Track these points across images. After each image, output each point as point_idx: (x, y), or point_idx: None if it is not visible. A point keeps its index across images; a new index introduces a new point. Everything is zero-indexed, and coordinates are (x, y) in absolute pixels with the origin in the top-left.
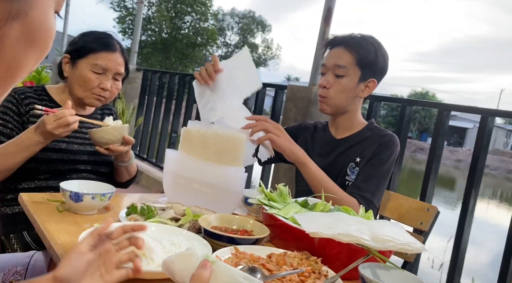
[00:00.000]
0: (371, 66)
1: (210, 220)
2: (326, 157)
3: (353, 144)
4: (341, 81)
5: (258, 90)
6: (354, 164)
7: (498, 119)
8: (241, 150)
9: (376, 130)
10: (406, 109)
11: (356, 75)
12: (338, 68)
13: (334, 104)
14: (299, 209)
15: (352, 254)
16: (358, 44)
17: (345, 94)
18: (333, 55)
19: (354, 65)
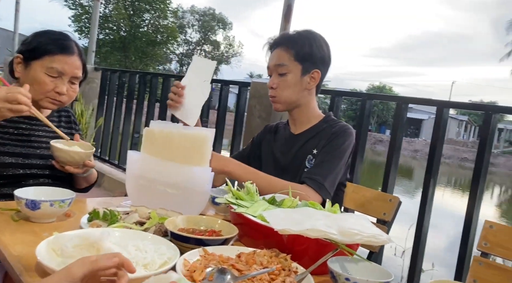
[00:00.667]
0: (309, 58)
1: (177, 222)
2: (287, 153)
3: (310, 137)
4: (285, 78)
5: (221, 88)
6: (311, 156)
7: (450, 110)
8: (207, 149)
9: (331, 122)
10: (366, 103)
11: (298, 70)
12: (279, 67)
13: (284, 100)
14: (267, 206)
15: (321, 248)
16: (293, 40)
17: (292, 89)
18: (273, 56)
19: (293, 61)
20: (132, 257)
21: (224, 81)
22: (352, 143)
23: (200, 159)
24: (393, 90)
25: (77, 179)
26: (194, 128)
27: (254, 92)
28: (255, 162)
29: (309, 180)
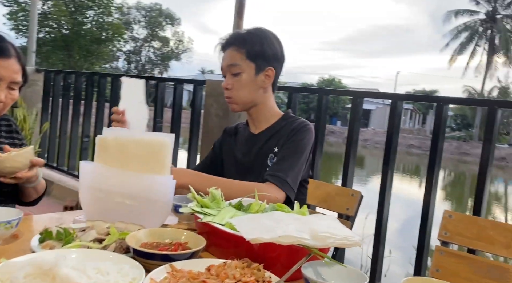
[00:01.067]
0: (262, 56)
1: (139, 237)
2: (248, 154)
3: (270, 136)
4: (239, 78)
5: (175, 87)
6: (273, 154)
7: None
8: (167, 156)
9: (290, 119)
10: (323, 99)
11: (251, 69)
12: (232, 67)
13: (240, 101)
14: (234, 212)
15: (293, 254)
16: (244, 39)
17: (247, 88)
18: (226, 57)
19: (246, 60)
20: (94, 282)
21: (178, 80)
22: (312, 139)
23: (160, 166)
24: (342, 82)
25: (26, 191)
26: (151, 134)
27: (210, 91)
28: (219, 167)
29: (271, 176)
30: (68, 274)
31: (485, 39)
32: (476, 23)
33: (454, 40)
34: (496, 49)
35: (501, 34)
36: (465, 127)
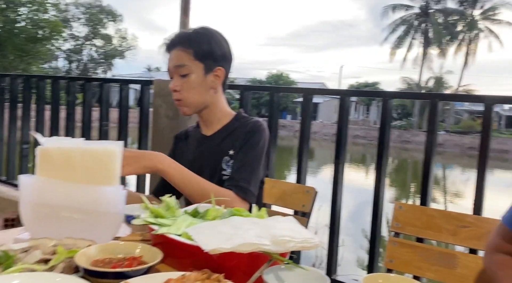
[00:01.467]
0: (210, 56)
1: (90, 254)
2: (201, 156)
3: (224, 137)
4: (188, 80)
5: (121, 88)
6: (228, 157)
7: None
8: (115, 165)
9: (243, 119)
10: (274, 96)
11: (200, 69)
12: (179, 68)
13: (191, 103)
14: (190, 220)
15: (253, 261)
16: (190, 39)
17: (197, 90)
18: (172, 58)
19: (194, 60)
20: None
21: (123, 80)
22: (267, 139)
23: (108, 177)
24: (290, 76)
25: None
26: (97, 143)
27: (158, 91)
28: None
29: (234, 188)
30: None
31: (420, 32)
32: (412, 17)
33: (393, 34)
34: (430, 41)
35: (434, 28)
36: (405, 116)
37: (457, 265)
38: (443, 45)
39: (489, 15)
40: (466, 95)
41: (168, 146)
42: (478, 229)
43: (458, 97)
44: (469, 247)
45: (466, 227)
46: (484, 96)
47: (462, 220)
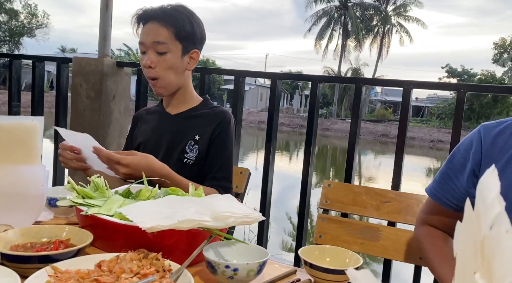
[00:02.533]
0: (190, 37)
1: (9, 239)
2: (163, 134)
3: (189, 119)
4: (165, 58)
5: (34, 65)
6: (193, 141)
7: (267, 80)
8: (35, 142)
9: (211, 106)
10: (205, 77)
11: (178, 49)
12: (158, 44)
13: (167, 84)
14: (122, 201)
15: (192, 238)
16: (172, 17)
17: (173, 70)
18: (150, 32)
19: (174, 39)
20: None
21: (37, 57)
22: (234, 129)
23: (28, 155)
24: (216, 63)
25: None
26: (14, 117)
27: (78, 69)
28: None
29: (220, 188)
30: None
31: (340, 24)
32: (332, 10)
33: (315, 25)
34: (349, 34)
35: (352, 21)
36: (325, 105)
37: (380, 237)
38: (360, 37)
39: (400, 11)
40: (387, 79)
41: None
42: (399, 203)
43: (380, 82)
44: (391, 220)
45: (388, 202)
46: (403, 81)
47: (384, 196)
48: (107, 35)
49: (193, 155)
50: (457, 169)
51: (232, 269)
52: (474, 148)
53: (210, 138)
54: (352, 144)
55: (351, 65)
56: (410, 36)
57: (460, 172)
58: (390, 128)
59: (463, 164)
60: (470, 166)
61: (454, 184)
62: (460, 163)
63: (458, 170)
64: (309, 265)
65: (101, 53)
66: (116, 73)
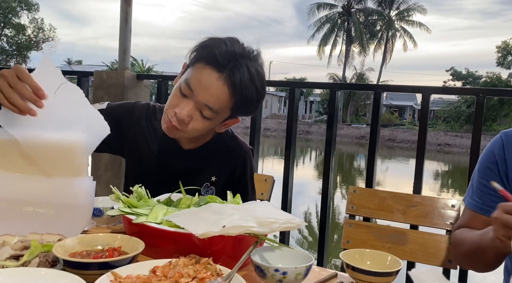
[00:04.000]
0: (244, 111)
1: (67, 247)
2: (173, 170)
3: (204, 158)
4: (204, 122)
5: None
6: (209, 183)
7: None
8: (81, 157)
9: (228, 140)
10: None
11: (224, 117)
12: (208, 109)
13: (186, 139)
14: (166, 209)
15: (237, 244)
16: (244, 87)
17: (202, 131)
18: (210, 91)
19: (228, 110)
20: None
21: None
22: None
23: (76, 168)
24: None
25: None
26: (59, 135)
27: (99, 83)
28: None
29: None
30: None
31: (343, 30)
32: (335, 16)
33: (318, 32)
34: (352, 39)
35: (355, 26)
36: None
37: (407, 241)
38: (364, 43)
39: (403, 16)
40: (406, 86)
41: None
42: (425, 207)
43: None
44: (417, 224)
45: (414, 206)
46: (422, 87)
47: (410, 200)
48: (126, 49)
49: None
50: (490, 176)
51: (281, 273)
52: (497, 156)
53: (228, 179)
54: (372, 149)
55: (355, 71)
56: (414, 41)
57: (494, 178)
58: (397, 132)
59: (493, 170)
60: (501, 170)
61: (493, 191)
62: (490, 169)
63: (492, 177)
64: (352, 268)
65: (121, 67)
66: (136, 85)
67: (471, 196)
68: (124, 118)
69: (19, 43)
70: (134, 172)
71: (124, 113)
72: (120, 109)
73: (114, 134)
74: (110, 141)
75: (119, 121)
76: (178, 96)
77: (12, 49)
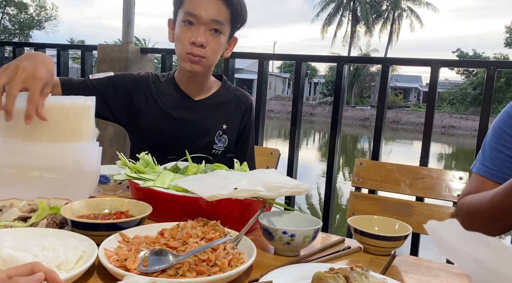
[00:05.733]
0: (239, 22)
1: (75, 209)
2: (185, 121)
3: (215, 107)
4: (218, 39)
5: (59, 54)
6: (221, 131)
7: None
8: (89, 120)
9: (233, 90)
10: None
11: (228, 33)
12: (216, 23)
13: (210, 64)
14: (173, 176)
15: (245, 208)
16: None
17: (219, 54)
18: (210, 8)
19: (228, 22)
20: (41, 260)
21: (61, 46)
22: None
23: (83, 134)
24: None
25: None
26: (67, 98)
27: (103, 56)
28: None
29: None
30: (11, 254)
31: (348, 10)
32: None
33: (323, 12)
34: (358, 19)
35: (361, 6)
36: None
37: (414, 213)
38: (369, 23)
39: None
40: (414, 59)
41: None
42: (432, 179)
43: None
44: (424, 196)
45: (421, 178)
46: (431, 60)
47: (417, 172)
48: (130, 22)
49: (222, 145)
50: (506, 140)
51: (289, 235)
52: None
53: (238, 127)
54: (379, 121)
55: (360, 52)
56: (421, 21)
57: (510, 143)
58: (401, 114)
59: (510, 133)
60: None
61: (508, 156)
62: (506, 133)
63: (508, 141)
64: (359, 233)
65: (125, 40)
66: (140, 59)
67: (482, 162)
68: (131, 86)
69: (22, 22)
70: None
71: (130, 81)
72: (126, 78)
73: (122, 101)
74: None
75: (128, 90)
76: (185, 28)
77: (14, 28)
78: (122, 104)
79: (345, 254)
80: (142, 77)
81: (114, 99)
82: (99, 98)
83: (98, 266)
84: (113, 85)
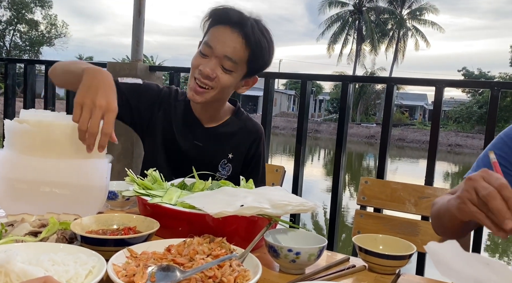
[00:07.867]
0: (260, 68)
1: (84, 225)
2: (195, 145)
3: (223, 136)
4: (227, 76)
5: None
6: (226, 160)
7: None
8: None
9: (244, 119)
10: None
11: (242, 73)
12: (228, 60)
13: (214, 98)
14: (180, 192)
15: (251, 226)
16: (257, 40)
17: (227, 90)
18: (227, 42)
19: (244, 63)
20: (52, 274)
21: None
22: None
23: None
24: None
25: None
26: None
27: (112, 74)
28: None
29: None
30: (24, 268)
31: (354, 29)
32: (347, 14)
33: (328, 30)
34: (363, 38)
35: (366, 25)
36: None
37: (419, 232)
38: (375, 42)
39: (416, 15)
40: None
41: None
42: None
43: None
44: (429, 215)
45: (426, 197)
46: (435, 80)
47: (422, 191)
48: (139, 41)
49: (225, 174)
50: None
51: (294, 253)
52: None
53: (245, 157)
54: (384, 140)
55: (365, 70)
56: (426, 40)
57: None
58: (407, 132)
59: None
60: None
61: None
62: (507, 144)
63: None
64: (364, 251)
65: (134, 58)
66: (149, 77)
67: (475, 170)
68: (156, 100)
69: (32, 39)
70: (154, 148)
71: (156, 94)
72: (152, 91)
73: (144, 111)
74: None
75: (152, 102)
76: (199, 58)
77: (25, 45)
78: (143, 114)
79: (350, 272)
80: (166, 92)
81: (137, 106)
82: (123, 101)
83: (107, 281)
84: (139, 93)
